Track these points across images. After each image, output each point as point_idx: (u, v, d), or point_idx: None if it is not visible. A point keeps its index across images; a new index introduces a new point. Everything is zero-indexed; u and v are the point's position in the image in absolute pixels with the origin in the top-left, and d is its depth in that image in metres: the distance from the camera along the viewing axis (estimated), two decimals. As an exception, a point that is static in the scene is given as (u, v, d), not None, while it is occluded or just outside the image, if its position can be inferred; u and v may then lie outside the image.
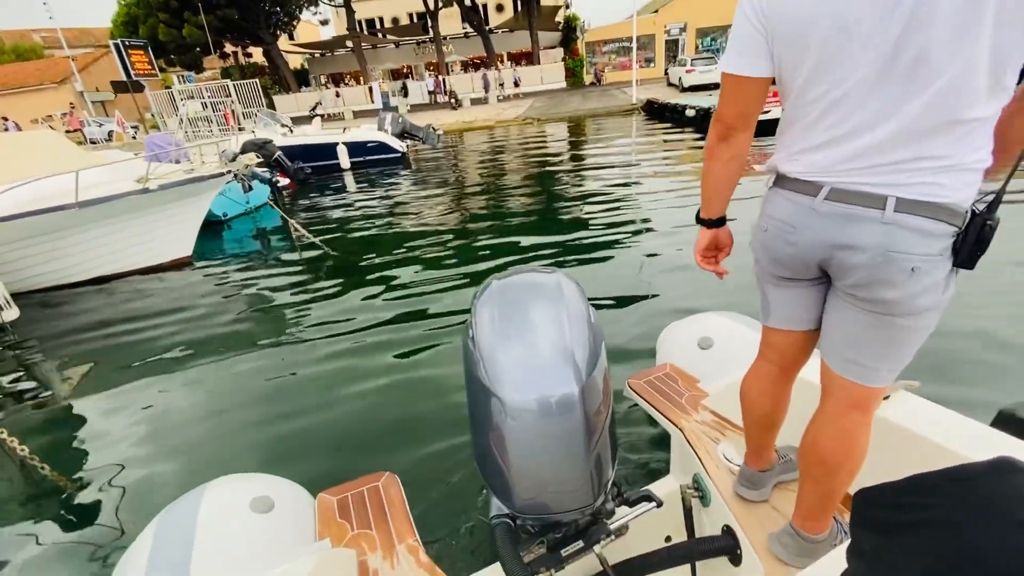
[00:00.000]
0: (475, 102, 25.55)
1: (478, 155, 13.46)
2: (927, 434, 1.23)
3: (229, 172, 6.01)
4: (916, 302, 0.93)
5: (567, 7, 32.54)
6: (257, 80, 17.37)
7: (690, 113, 13.23)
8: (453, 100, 24.05)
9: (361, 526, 1.41)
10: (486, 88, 25.31)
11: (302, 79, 33.62)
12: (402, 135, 12.71)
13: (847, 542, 0.58)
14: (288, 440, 2.89)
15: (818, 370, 1.15)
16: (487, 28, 30.06)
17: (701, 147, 10.95)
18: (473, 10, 28.19)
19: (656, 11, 28.63)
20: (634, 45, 20.11)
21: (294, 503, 1.48)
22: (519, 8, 30.56)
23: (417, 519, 1.46)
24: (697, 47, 28.63)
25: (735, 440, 1.58)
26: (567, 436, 1.00)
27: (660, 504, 1.23)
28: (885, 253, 0.91)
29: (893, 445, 1.27)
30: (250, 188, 7.90)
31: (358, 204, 9.16)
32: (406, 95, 27.12)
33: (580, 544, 1.14)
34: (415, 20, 32.91)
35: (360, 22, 34.46)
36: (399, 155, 12.23)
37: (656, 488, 1.52)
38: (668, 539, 1.61)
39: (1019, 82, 0.86)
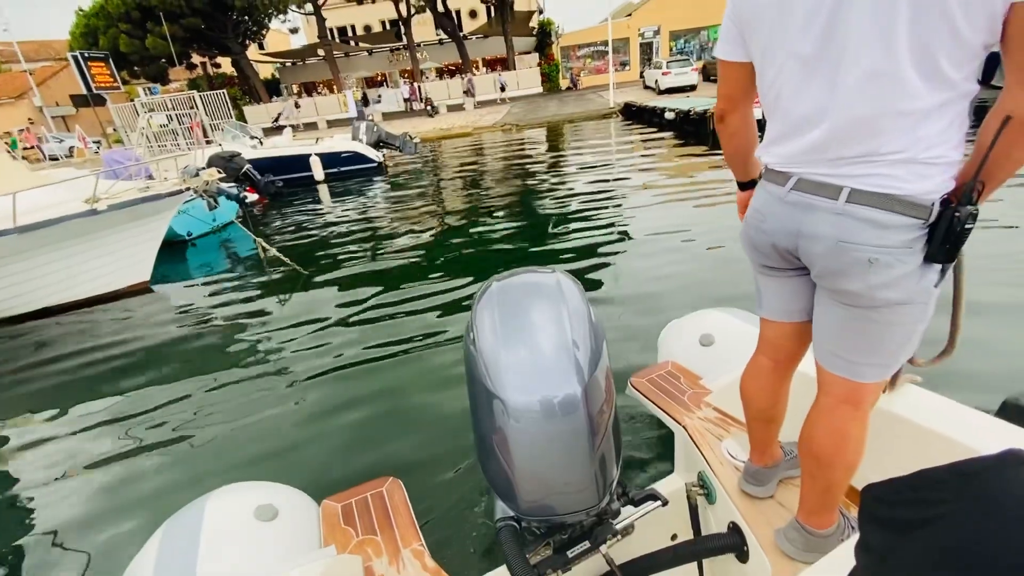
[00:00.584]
0: (452, 109, 25.24)
1: (457, 163, 13.14)
2: (933, 426, 1.21)
3: (188, 189, 5.55)
4: (881, 295, 0.91)
5: (540, 12, 32.51)
6: (225, 91, 16.76)
7: (669, 116, 13.12)
8: (429, 107, 23.70)
9: (366, 532, 1.39)
10: (471, 93, 25.03)
11: (273, 89, 32.90)
12: (378, 144, 12.31)
13: (855, 537, 0.57)
14: (290, 449, 2.85)
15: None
16: (461, 34, 29.81)
17: (681, 150, 10.88)
18: (446, 16, 27.92)
19: (630, 15, 28.74)
20: (609, 48, 20.03)
21: (298, 510, 1.47)
22: (492, 14, 30.39)
23: (422, 523, 1.46)
24: (671, 50, 28.82)
25: (739, 437, 1.56)
26: (571, 437, 0.99)
27: (665, 503, 1.23)
28: (837, 243, 0.92)
29: (899, 438, 1.26)
30: (216, 205, 7.40)
31: (333, 217, 8.76)
32: (366, 104, 26.58)
33: (586, 545, 1.13)
34: (388, 27, 32.48)
35: (332, 30, 33.95)
36: (375, 165, 11.84)
37: (661, 487, 1.56)
38: (674, 537, 1.60)
39: (984, 80, 0.84)
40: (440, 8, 27.31)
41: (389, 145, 12.49)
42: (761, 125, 1.11)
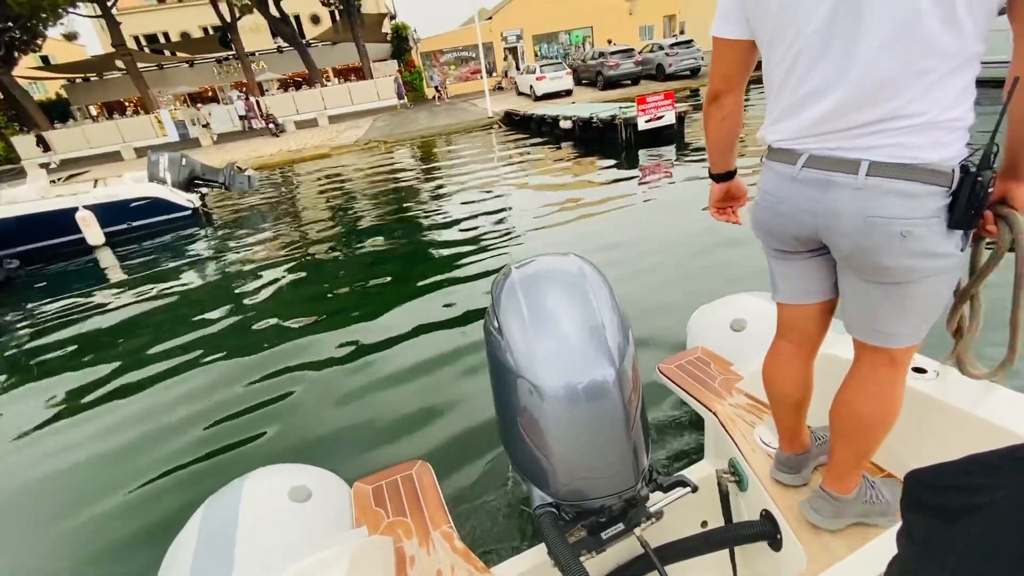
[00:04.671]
0: (303, 125, 21.49)
1: (314, 194, 10.18)
2: (980, 413, 1.14)
3: None
4: (917, 267, 0.89)
5: (392, 17, 29.72)
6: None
7: (565, 125, 11.35)
8: (272, 126, 19.76)
9: (396, 513, 1.41)
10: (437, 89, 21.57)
11: (61, 112, 26.04)
12: (191, 183, 8.85)
13: (897, 525, 0.56)
14: (323, 433, 2.89)
15: (843, 344, 1.22)
16: (304, 41, 25.95)
17: (587, 162, 9.15)
18: (283, 21, 23.92)
19: (490, 18, 27.19)
20: (481, 53, 18.04)
21: (331, 492, 1.48)
22: (338, 19, 26.92)
23: (450, 506, 1.45)
24: (536, 54, 27.84)
25: (772, 423, 1.48)
26: (607, 419, 1.01)
27: (695, 489, 1.22)
28: (866, 219, 0.89)
29: (943, 425, 1.21)
30: None
31: (118, 299, 5.50)
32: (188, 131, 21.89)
33: (620, 527, 1.14)
34: (211, 33, 27.26)
35: (137, 38, 27.91)
36: (188, 212, 8.38)
37: (691, 473, 1.55)
38: (704, 524, 1.57)
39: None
40: (275, 12, 23.30)
41: (209, 182, 9.07)
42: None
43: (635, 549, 1.25)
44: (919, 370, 1.29)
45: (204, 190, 9.17)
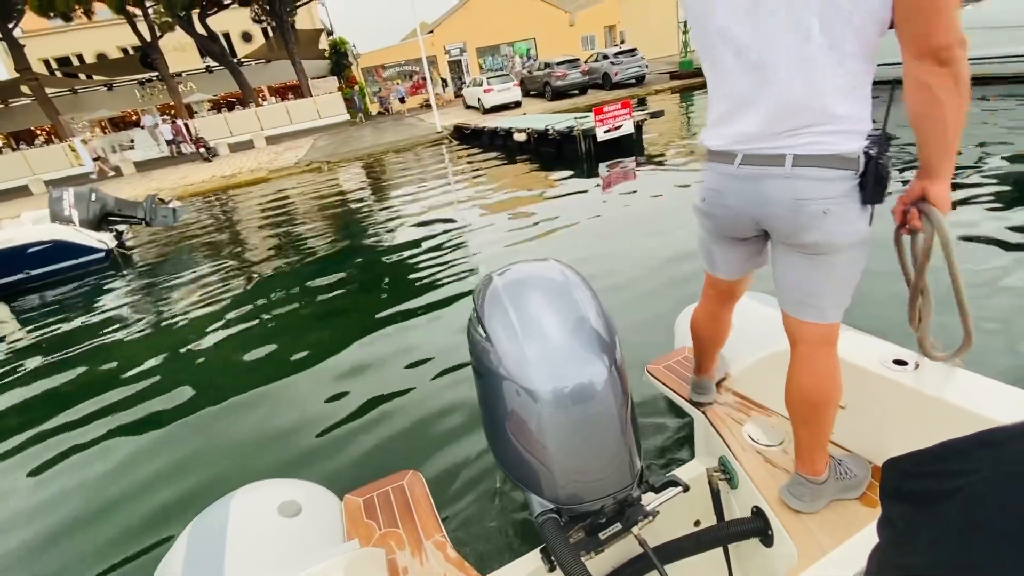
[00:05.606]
0: (237, 148, 20.19)
1: (253, 221, 9.27)
2: (960, 402, 1.17)
3: None
4: (837, 239, 1.07)
5: (330, 33, 28.69)
6: None
7: (519, 138, 10.92)
8: (204, 149, 18.40)
9: (388, 525, 1.39)
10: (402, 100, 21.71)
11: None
12: (104, 221, 7.79)
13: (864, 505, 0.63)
14: (311, 446, 2.85)
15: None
16: (236, 60, 24.56)
17: (544, 175, 8.72)
18: (211, 40, 22.52)
19: (431, 31, 26.68)
20: (425, 67, 17.43)
21: (321, 506, 1.46)
22: (271, 35, 25.66)
23: (442, 515, 1.45)
24: (481, 66, 27.53)
25: (760, 421, 1.57)
26: (603, 418, 1.02)
27: (687, 488, 1.23)
28: (794, 201, 1.06)
29: (925, 415, 1.24)
30: None
31: (16, 365, 4.54)
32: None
33: (618, 526, 1.15)
34: (131, 53, 25.34)
35: (48, 61, 25.65)
36: (100, 255, 7.33)
37: (682, 473, 1.57)
38: (697, 523, 1.59)
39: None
40: (201, 30, 21.88)
41: (126, 218, 8.02)
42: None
43: (631, 549, 1.28)
44: (900, 362, 1.33)
45: (121, 227, 8.09)
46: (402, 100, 25.09)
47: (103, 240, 7.35)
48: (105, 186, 12.78)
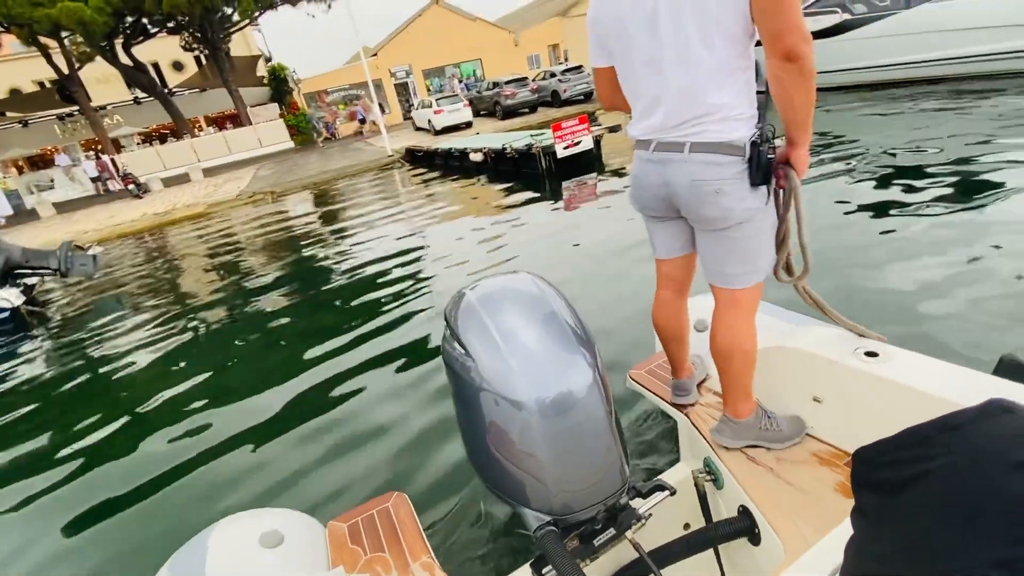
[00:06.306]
0: (171, 182, 18.89)
1: (190, 261, 8.45)
2: (926, 388, 1.21)
3: None
4: (733, 215, 1.24)
5: (268, 60, 27.69)
6: None
7: (476, 158, 10.52)
8: (133, 186, 17.07)
9: (374, 549, 1.36)
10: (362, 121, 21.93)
11: None
12: (8, 275, 6.79)
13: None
14: (291, 474, 2.75)
15: (798, 336, 1.54)
16: (166, 90, 23.21)
17: (505, 195, 8.36)
18: (137, 70, 21.17)
19: (375, 54, 26.18)
20: (372, 89, 16.86)
21: (304, 534, 1.40)
22: (204, 64, 24.45)
23: (430, 536, 1.43)
24: (428, 88, 27.21)
25: None
26: (591, 424, 1.03)
27: (673, 492, 1.25)
28: (691, 182, 1.25)
29: (893, 404, 1.27)
30: None
31: None
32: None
33: (612, 532, 1.15)
34: (47, 87, 23.50)
35: (-50, 98, 23.41)
36: (3, 315, 6.34)
37: (668, 477, 1.55)
38: (687, 526, 1.58)
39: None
40: (126, 60, 20.53)
41: (36, 270, 7.04)
42: None
43: (621, 557, 1.30)
44: (871, 354, 1.37)
45: (30, 281, 7.09)
46: (362, 121, 24.32)
47: (7, 298, 6.35)
48: (13, 234, 11.48)
